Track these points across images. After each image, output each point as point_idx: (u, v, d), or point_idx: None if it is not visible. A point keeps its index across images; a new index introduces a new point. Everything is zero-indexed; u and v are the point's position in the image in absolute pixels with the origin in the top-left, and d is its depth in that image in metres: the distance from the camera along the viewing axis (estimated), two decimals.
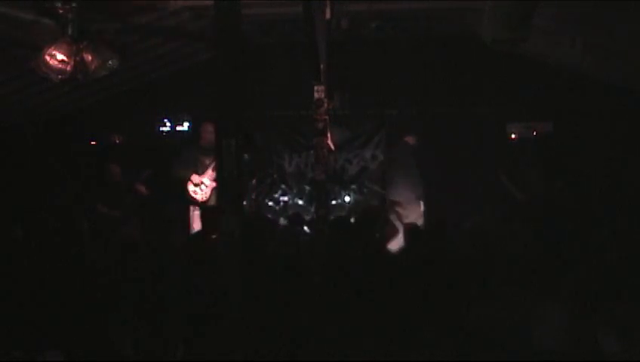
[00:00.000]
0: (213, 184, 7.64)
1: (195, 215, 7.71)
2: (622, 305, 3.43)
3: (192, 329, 3.73)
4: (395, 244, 6.93)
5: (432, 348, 3.50)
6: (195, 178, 7.68)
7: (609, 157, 8.32)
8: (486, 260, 4.30)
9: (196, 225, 7.60)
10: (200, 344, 3.60)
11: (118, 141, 8.97)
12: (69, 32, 5.41)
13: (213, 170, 7.62)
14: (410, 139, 8.61)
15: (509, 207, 7.93)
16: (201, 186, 7.68)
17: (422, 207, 8.42)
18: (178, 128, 9.29)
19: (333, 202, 8.62)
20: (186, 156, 7.87)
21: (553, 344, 3.42)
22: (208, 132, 7.74)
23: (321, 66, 6.48)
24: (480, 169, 8.50)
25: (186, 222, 7.79)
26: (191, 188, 7.70)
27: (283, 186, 9.26)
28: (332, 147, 7.26)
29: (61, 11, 5.29)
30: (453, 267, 4.28)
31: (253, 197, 8.48)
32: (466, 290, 3.92)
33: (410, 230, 5.90)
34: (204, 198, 7.68)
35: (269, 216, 8.58)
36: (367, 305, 3.84)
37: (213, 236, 5.51)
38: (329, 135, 6.93)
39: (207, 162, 7.71)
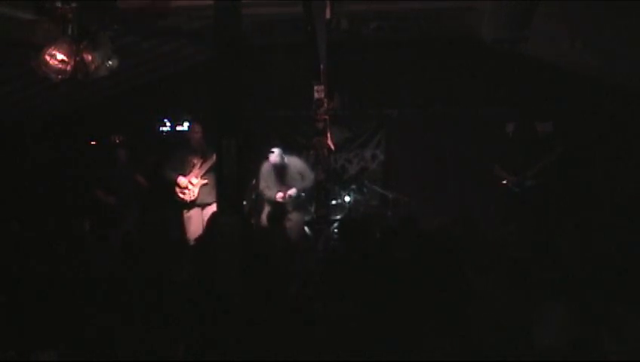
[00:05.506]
0: (202, 182, 7.68)
1: (187, 216, 7.68)
2: (621, 305, 3.43)
3: (192, 328, 3.73)
4: None
5: (431, 348, 3.50)
6: (181, 180, 7.68)
7: (608, 157, 8.32)
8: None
9: (190, 226, 7.60)
10: (201, 343, 3.59)
11: (118, 141, 8.97)
12: (69, 32, 5.40)
13: (200, 169, 7.67)
14: None
15: (506, 206, 7.93)
16: (189, 186, 7.68)
17: None
18: (178, 128, 9.31)
19: (333, 202, 8.60)
20: (175, 158, 7.89)
21: (553, 344, 3.43)
22: (195, 132, 7.81)
23: (321, 66, 6.49)
24: (480, 168, 8.49)
25: (180, 223, 7.75)
26: (178, 190, 7.72)
27: None
28: (332, 147, 7.26)
29: (61, 11, 5.28)
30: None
31: (254, 197, 8.46)
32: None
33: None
34: (192, 198, 7.69)
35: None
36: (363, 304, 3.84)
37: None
38: (329, 135, 6.94)
39: (195, 161, 7.74)
